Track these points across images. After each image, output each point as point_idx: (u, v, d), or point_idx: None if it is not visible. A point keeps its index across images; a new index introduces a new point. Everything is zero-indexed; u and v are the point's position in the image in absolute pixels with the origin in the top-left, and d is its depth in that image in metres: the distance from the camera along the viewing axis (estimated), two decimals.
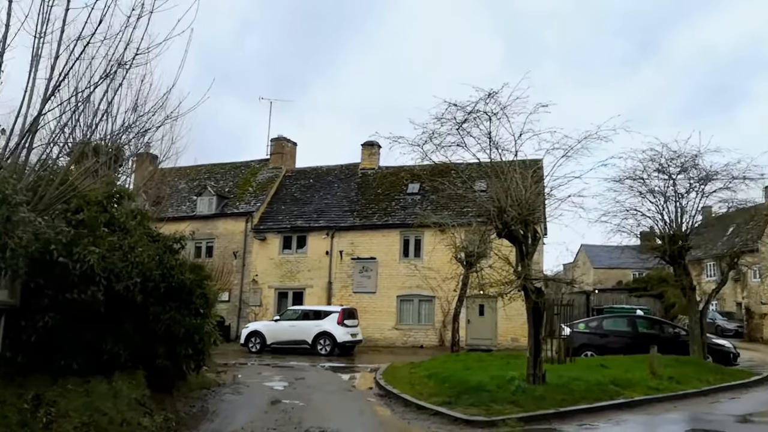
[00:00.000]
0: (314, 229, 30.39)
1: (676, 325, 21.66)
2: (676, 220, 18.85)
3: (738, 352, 20.86)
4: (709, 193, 18.76)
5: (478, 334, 27.17)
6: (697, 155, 18.52)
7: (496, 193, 12.96)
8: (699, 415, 12.32)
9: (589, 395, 12.65)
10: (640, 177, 19.01)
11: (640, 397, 13.18)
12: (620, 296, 35.86)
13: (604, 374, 14.80)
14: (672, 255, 18.79)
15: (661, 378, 15.12)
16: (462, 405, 11.65)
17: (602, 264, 49.70)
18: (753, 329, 33.94)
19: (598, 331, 20.63)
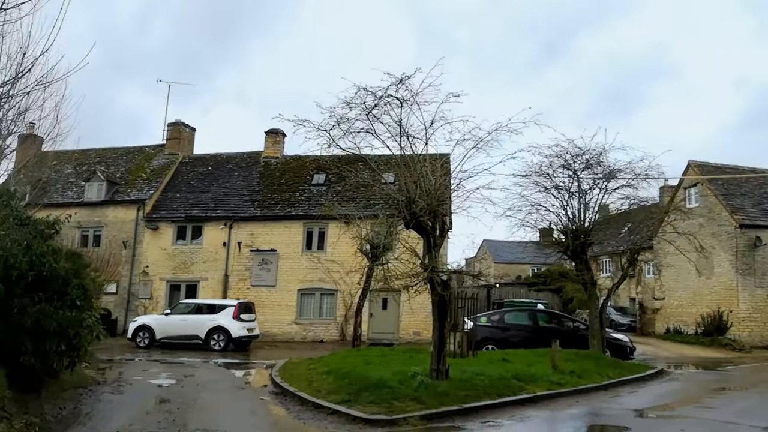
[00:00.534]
0: (211, 219, 28.83)
1: (576, 319, 21.94)
2: (579, 216, 18.98)
3: (634, 346, 21.36)
4: (612, 189, 19.04)
5: (381, 328, 26.65)
6: (602, 152, 18.74)
7: (405, 183, 12.33)
8: (600, 409, 12.22)
9: (493, 391, 12.31)
10: (545, 173, 19.04)
11: (543, 392, 12.99)
12: (520, 290, 36.48)
13: (506, 369, 14.56)
14: (574, 250, 18.91)
15: (563, 372, 15.04)
16: (362, 403, 10.98)
17: (503, 259, 50.79)
18: (645, 324, 35.38)
19: (500, 324, 20.57)
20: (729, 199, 30.84)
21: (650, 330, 34.56)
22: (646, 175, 18.64)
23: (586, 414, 11.80)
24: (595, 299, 19.21)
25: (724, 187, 31.61)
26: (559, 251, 20.09)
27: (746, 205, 30.80)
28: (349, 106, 12.28)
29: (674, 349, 27.74)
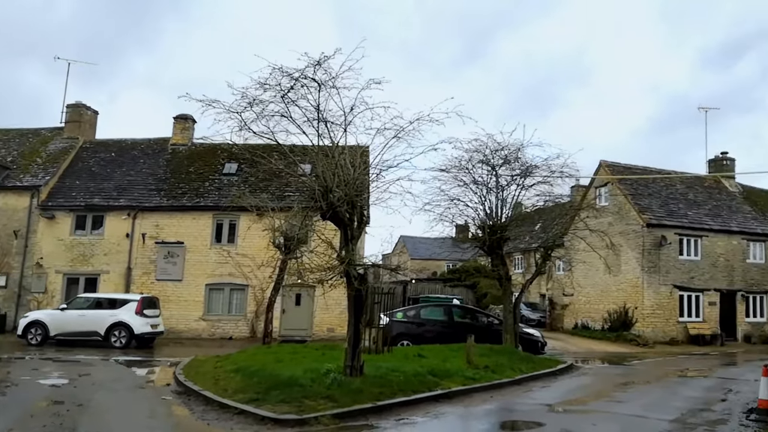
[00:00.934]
0: (113, 209, 27.08)
1: (490, 315, 21.95)
2: (496, 212, 18.92)
3: (546, 341, 21.56)
4: (529, 186, 19.09)
5: (293, 324, 25.87)
6: (520, 149, 18.76)
7: (323, 172, 11.66)
8: (514, 405, 12.02)
9: (408, 387, 11.92)
10: (465, 167, 18.89)
11: (457, 387, 12.73)
12: (436, 286, 36.58)
13: (422, 364, 14.22)
14: (491, 246, 18.84)
15: (478, 367, 14.86)
16: (271, 402, 10.31)
17: (420, 255, 50.92)
18: (555, 319, 36.22)
19: (415, 320, 20.29)
20: (637, 198, 31.95)
21: (559, 325, 35.41)
22: (562, 172, 18.83)
23: (501, 409, 11.56)
24: (509, 294, 19.23)
25: (632, 188, 32.73)
26: (476, 246, 20.00)
27: (653, 205, 31.98)
28: (263, 88, 11.48)
29: (582, 344, 28.44)
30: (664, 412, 10.95)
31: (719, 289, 31.52)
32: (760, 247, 33.27)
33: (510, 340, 18.54)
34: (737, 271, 32.20)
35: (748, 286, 32.37)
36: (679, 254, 30.93)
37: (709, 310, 31.10)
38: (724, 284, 31.73)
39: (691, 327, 30.17)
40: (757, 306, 32.71)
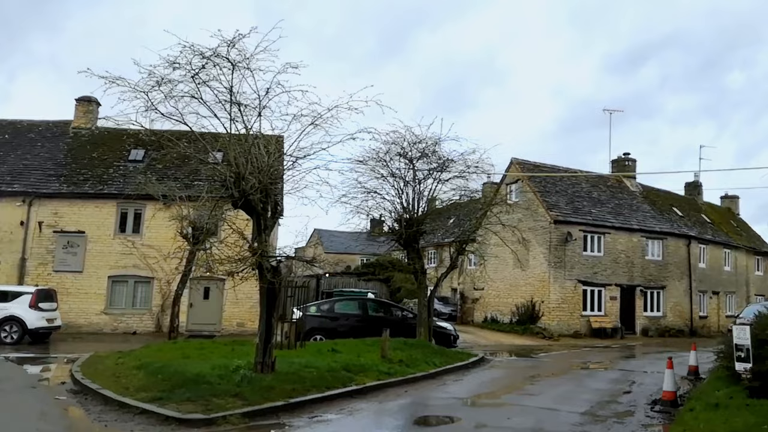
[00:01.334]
0: (6, 194, 25.10)
1: (404, 308, 21.90)
2: (413, 205, 18.87)
3: (458, 335, 21.75)
4: (446, 180, 19.14)
5: (201, 318, 24.94)
6: (438, 142, 18.77)
7: (235, 158, 11.14)
8: (429, 399, 11.95)
9: (321, 383, 11.63)
10: (382, 159, 18.73)
11: (372, 382, 12.56)
12: (350, 280, 36.35)
13: (336, 359, 13.96)
14: (407, 239, 18.77)
15: (392, 362, 14.75)
16: (176, 401, 9.73)
17: (334, 249, 50.64)
18: (465, 312, 36.81)
19: (329, 314, 19.97)
20: (545, 196, 32.87)
21: (470, 319, 36.00)
22: (477, 167, 19.00)
23: (416, 404, 11.45)
24: (424, 288, 19.25)
25: (541, 185, 33.66)
26: (393, 240, 19.91)
27: (560, 202, 33.00)
28: (173, 67, 10.83)
29: (492, 337, 28.99)
30: (575, 404, 11.16)
31: (620, 284, 32.95)
32: (657, 245, 35.00)
33: (424, 334, 18.56)
34: (636, 267, 33.75)
35: (646, 281, 34.01)
36: (583, 250, 32.07)
37: (610, 305, 32.44)
38: (624, 279, 33.18)
39: (593, 320, 31.37)
40: (654, 301, 34.44)
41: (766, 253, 43.97)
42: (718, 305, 38.35)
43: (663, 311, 34.54)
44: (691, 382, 14.50)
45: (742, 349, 10.48)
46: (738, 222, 46.18)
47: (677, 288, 35.39)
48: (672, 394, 10.76)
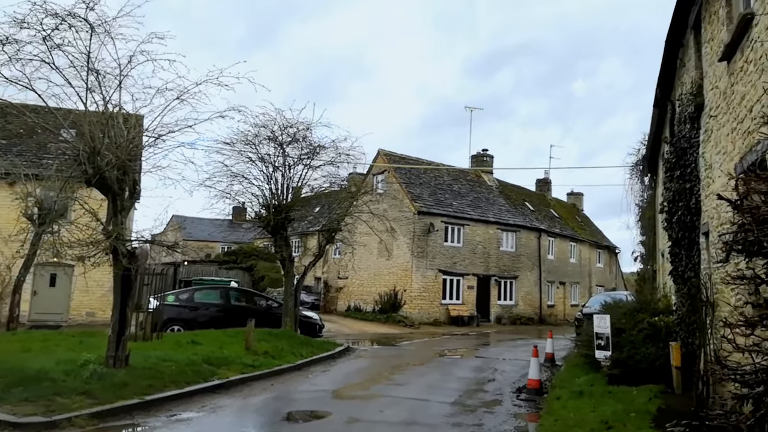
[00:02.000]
0: None
1: (269, 297, 21.25)
2: (282, 191, 18.29)
3: (323, 324, 21.47)
4: (316, 166, 18.72)
5: (46, 308, 22.79)
6: (309, 128, 18.30)
7: (90, 130, 10.04)
8: (297, 393, 11.53)
9: (181, 378, 10.87)
10: (251, 142, 17.98)
11: (236, 376, 11.95)
12: (211, 268, 35.01)
13: (196, 352, 13.19)
14: (275, 226, 18.17)
15: (257, 353, 14.19)
16: (12, 402, 8.60)
17: (194, 236, 48.40)
18: (329, 302, 36.67)
19: (189, 303, 18.91)
20: (410, 187, 33.39)
21: (333, 308, 35.90)
22: (348, 155, 18.76)
23: (283, 399, 10.99)
24: (291, 277, 18.76)
25: (406, 177, 34.15)
26: (259, 226, 19.20)
27: (424, 194, 33.67)
28: (20, 26, 9.56)
29: (355, 326, 29.05)
30: (444, 394, 11.24)
31: (477, 274, 34.26)
32: (511, 237, 36.78)
33: (290, 324, 18.10)
34: (492, 258, 35.25)
35: (501, 271, 35.63)
36: (444, 241, 32.98)
37: (467, 294, 33.65)
38: (481, 270, 34.55)
39: (452, 309, 32.39)
40: (508, 290, 36.20)
41: (606, 247, 47.70)
42: (564, 295, 41.06)
43: (515, 300, 36.39)
44: (549, 369, 15.17)
45: (602, 337, 11.04)
46: (582, 217, 49.72)
47: (528, 278, 37.43)
48: (537, 383, 11.14)
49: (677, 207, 9.95)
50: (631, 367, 10.35)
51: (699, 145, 9.05)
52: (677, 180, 9.78)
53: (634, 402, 8.54)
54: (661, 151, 15.49)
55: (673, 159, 10.18)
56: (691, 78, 9.75)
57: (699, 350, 9.30)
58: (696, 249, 9.20)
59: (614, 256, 48.80)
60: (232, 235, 40.85)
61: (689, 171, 9.27)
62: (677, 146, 9.94)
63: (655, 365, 10.18)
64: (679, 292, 10.35)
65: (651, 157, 17.47)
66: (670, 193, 10.47)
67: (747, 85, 6.35)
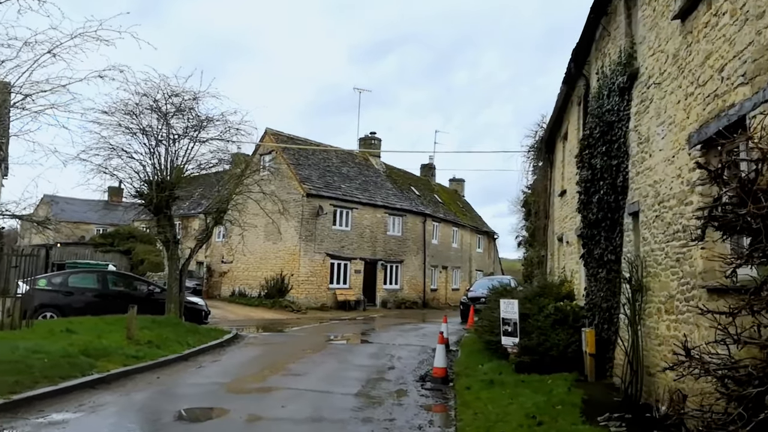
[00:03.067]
0: None
1: (151, 282, 19.79)
2: (166, 167, 16.99)
3: (209, 310, 20.36)
4: (204, 140, 17.55)
5: None
6: (197, 98, 17.10)
7: None
8: (187, 386, 10.59)
9: (55, 372, 9.68)
10: (132, 112, 16.52)
11: (118, 369, 10.84)
12: (85, 251, 32.39)
13: (72, 341, 11.90)
14: (158, 205, 16.85)
15: (140, 343, 13.07)
16: None
17: (67, 217, 44.59)
18: (212, 287, 35.11)
19: (63, 288, 17.16)
20: (299, 169, 32.53)
21: (217, 293, 34.47)
22: (238, 129, 17.72)
23: (172, 394, 10.04)
24: (176, 260, 17.53)
25: (295, 158, 33.24)
26: (141, 205, 17.76)
27: (313, 176, 32.94)
28: None
29: (241, 311, 28.00)
30: (346, 385, 10.76)
31: (364, 258, 34.09)
32: (398, 221, 36.90)
33: (174, 310, 16.91)
34: (379, 242, 35.21)
35: (387, 255, 35.68)
36: (332, 224, 32.49)
37: (354, 278, 33.41)
38: (368, 254, 34.41)
39: (339, 293, 32.03)
40: (393, 274, 36.34)
41: (485, 233, 49.18)
42: (446, 279, 41.88)
43: (400, 284, 36.61)
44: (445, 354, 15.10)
45: (509, 323, 10.94)
46: (463, 203, 50.95)
47: (414, 263, 37.77)
48: (443, 371, 10.88)
49: (597, 186, 9.73)
50: (541, 354, 10.30)
51: (629, 119, 8.66)
52: (601, 156, 9.40)
53: (553, 392, 8.42)
54: (561, 131, 15.71)
55: (597, 134, 9.77)
56: (619, 47, 9.35)
57: (615, 337, 9.41)
58: (618, 230, 9.10)
59: (493, 241, 50.47)
60: (108, 216, 37.98)
61: (616, 147, 8.91)
62: (602, 120, 9.51)
63: (567, 353, 10.22)
64: (594, 277, 10.30)
65: (549, 139, 17.70)
66: (587, 172, 10.28)
67: (717, 42, 5.73)
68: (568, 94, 13.63)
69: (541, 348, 10.42)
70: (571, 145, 13.67)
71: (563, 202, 15.07)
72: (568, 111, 14.21)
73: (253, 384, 11.00)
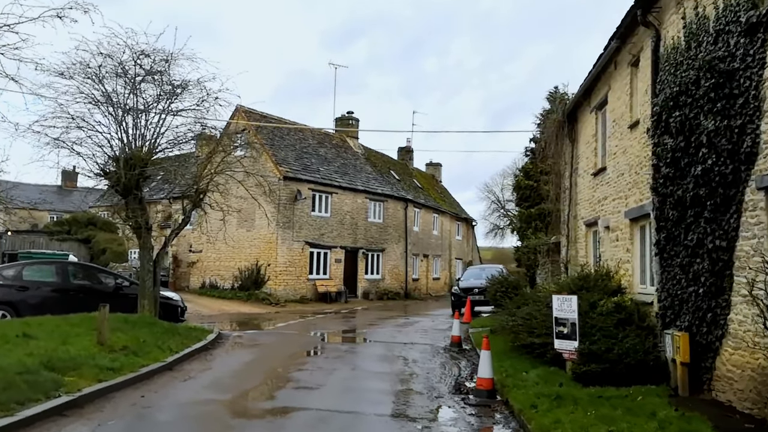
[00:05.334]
0: None
1: (119, 275, 17.31)
2: (136, 140, 14.63)
3: (186, 306, 18.06)
4: (177, 111, 15.20)
5: None
6: (170, 59, 14.74)
7: None
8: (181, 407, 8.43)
9: (10, 396, 7.49)
10: (94, 74, 14.10)
11: (92, 386, 8.66)
12: (40, 239, 29.47)
13: (31, 350, 9.63)
14: (127, 185, 14.46)
15: (114, 349, 10.86)
16: None
17: (15, 203, 41.08)
18: (179, 278, 32.48)
19: (16, 282, 14.62)
20: (274, 149, 30.15)
21: (185, 285, 31.93)
22: (217, 98, 15.40)
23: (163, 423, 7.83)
24: (148, 250, 15.21)
25: (269, 138, 30.84)
26: (107, 186, 15.36)
27: (289, 157, 30.64)
28: None
29: (213, 305, 25.74)
30: (373, 401, 8.79)
31: (345, 247, 32.01)
32: (379, 207, 34.87)
33: (149, 308, 14.61)
34: (360, 229, 33.15)
35: (368, 243, 33.65)
36: (311, 210, 30.33)
37: (335, 268, 31.33)
38: (349, 242, 32.33)
39: (319, 284, 29.95)
40: (375, 263, 34.34)
41: (464, 219, 47.49)
42: (427, 268, 40.08)
43: (382, 274, 34.67)
44: (459, 356, 13.24)
45: (566, 323, 9.09)
46: (441, 189, 49.14)
47: (395, 251, 35.85)
48: (490, 383, 8.91)
49: (698, 156, 7.73)
50: (612, 362, 8.45)
51: (765, 64, 6.65)
52: (712, 117, 7.46)
53: (658, 415, 6.62)
54: (594, 101, 13.80)
55: (701, 90, 7.81)
56: None
57: (718, 343, 7.59)
58: (734, 211, 7.22)
59: (471, 228, 48.84)
60: (62, 202, 35.04)
61: (741, 102, 7.01)
62: (712, 71, 7.55)
63: (647, 360, 8.41)
64: (682, 268, 8.37)
65: (571, 112, 15.77)
66: (675, 140, 8.26)
67: None
68: (613, 55, 11.76)
69: (611, 354, 8.56)
70: (618, 114, 11.80)
71: (599, 182, 13.25)
72: (611, 75, 12.33)
73: (261, 402, 8.92)
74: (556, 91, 26.19)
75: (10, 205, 14.96)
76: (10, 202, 12.49)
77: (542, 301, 11.27)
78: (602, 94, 13.11)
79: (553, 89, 26.27)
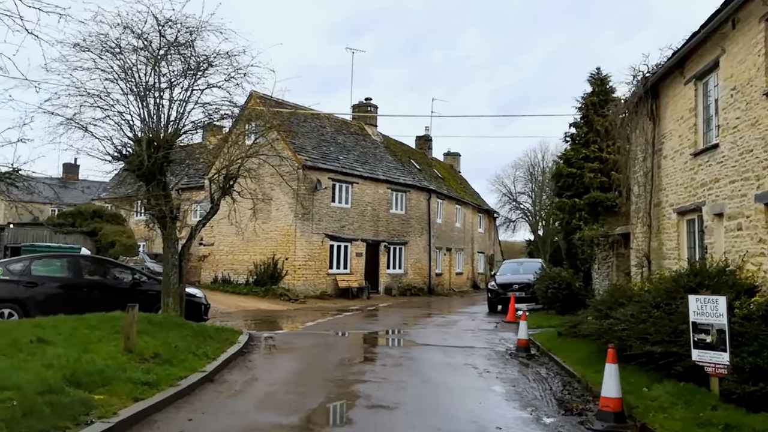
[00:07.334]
0: None
1: (136, 269, 15.53)
2: (160, 120, 12.89)
3: (209, 303, 16.36)
4: (203, 88, 13.42)
5: None
6: (197, 31, 12.97)
7: None
8: None
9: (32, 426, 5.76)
10: (112, 49, 12.37)
11: (129, 408, 6.98)
12: (43, 232, 27.74)
13: (50, 360, 7.93)
14: (150, 169, 12.70)
15: (145, 358, 9.16)
16: None
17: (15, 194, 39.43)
18: (189, 272, 29.97)
19: (24, 277, 12.86)
20: (292, 137, 28.34)
21: (195, 279, 30.13)
22: (245, 75, 13.61)
23: None
24: (173, 242, 13.47)
25: (286, 125, 28.99)
26: (128, 170, 13.57)
27: (307, 145, 28.93)
28: None
29: (228, 301, 24.03)
30: (474, 426, 7.10)
31: (366, 240, 30.35)
32: (401, 197, 33.17)
33: (173, 306, 12.88)
34: (382, 221, 31.46)
35: (390, 236, 31.96)
36: (331, 201, 28.64)
37: (356, 262, 29.66)
38: (370, 234, 30.66)
39: (340, 279, 28.30)
40: (397, 257, 32.66)
41: (486, 211, 45.66)
42: (450, 262, 38.36)
43: (404, 269, 32.97)
44: (531, 363, 11.55)
45: (709, 331, 7.39)
46: (461, 179, 47.30)
47: (418, 244, 34.14)
48: (618, 403, 7.16)
49: None
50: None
51: None
52: None
53: None
54: (696, 69, 11.96)
55: None
56: None
57: None
58: None
59: (493, 220, 47.08)
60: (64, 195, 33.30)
61: None
62: None
63: None
64: None
65: (654, 85, 13.88)
66: None
67: None
68: (733, 13, 9.98)
69: None
70: (742, 80, 9.98)
71: (704, 162, 11.48)
72: (725, 37, 10.54)
73: (340, 429, 7.24)
74: (599, 72, 24.56)
75: (40, 199, 13.22)
76: (17, 179, 10.77)
77: (647, 301, 9.55)
78: (708, 61, 11.34)
79: (595, 70, 24.63)
